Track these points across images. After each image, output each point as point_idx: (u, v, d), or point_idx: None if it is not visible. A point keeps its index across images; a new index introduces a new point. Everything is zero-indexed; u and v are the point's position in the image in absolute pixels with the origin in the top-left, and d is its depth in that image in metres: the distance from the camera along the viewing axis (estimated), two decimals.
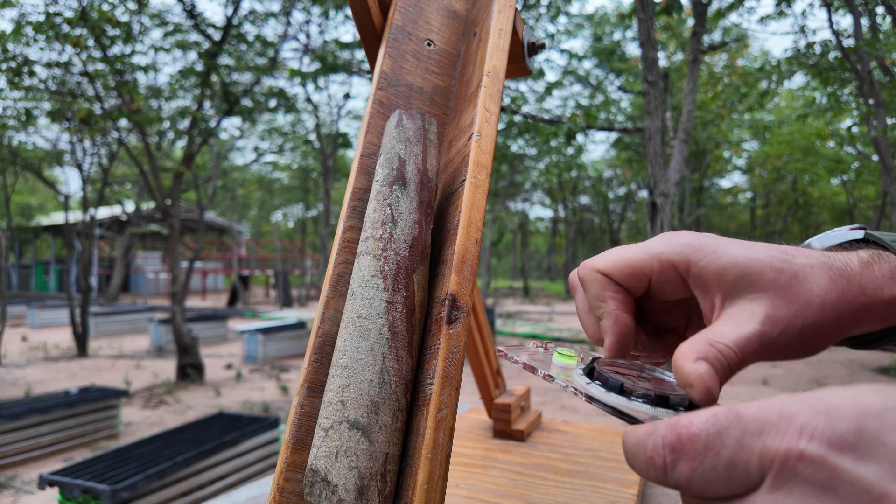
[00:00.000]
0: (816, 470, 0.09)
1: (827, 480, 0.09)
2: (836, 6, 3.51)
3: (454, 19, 0.31)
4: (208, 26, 4.08)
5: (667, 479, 0.12)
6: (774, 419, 0.10)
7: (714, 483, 0.11)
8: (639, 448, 0.12)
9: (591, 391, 0.16)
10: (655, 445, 0.12)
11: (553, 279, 20.68)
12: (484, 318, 0.44)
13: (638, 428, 0.13)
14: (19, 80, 3.75)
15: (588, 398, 0.16)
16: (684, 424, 0.12)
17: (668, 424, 0.12)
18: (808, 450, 0.10)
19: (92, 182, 6.31)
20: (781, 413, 0.10)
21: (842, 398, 0.10)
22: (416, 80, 0.28)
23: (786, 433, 0.10)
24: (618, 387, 0.15)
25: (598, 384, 0.16)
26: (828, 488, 0.09)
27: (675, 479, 0.12)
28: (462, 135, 0.25)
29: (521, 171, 9.74)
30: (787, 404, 0.10)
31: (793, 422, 0.10)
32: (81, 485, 1.54)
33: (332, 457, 0.17)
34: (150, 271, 13.34)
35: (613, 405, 0.15)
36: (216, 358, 5.08)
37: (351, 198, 0.25)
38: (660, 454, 0.12)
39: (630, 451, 0.13)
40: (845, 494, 0.09)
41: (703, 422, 0.11)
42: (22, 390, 3.77)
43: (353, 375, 0.18)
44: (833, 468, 0.09)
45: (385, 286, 0.20)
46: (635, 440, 0.13)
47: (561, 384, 0.17)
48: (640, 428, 0.13)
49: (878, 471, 0.09)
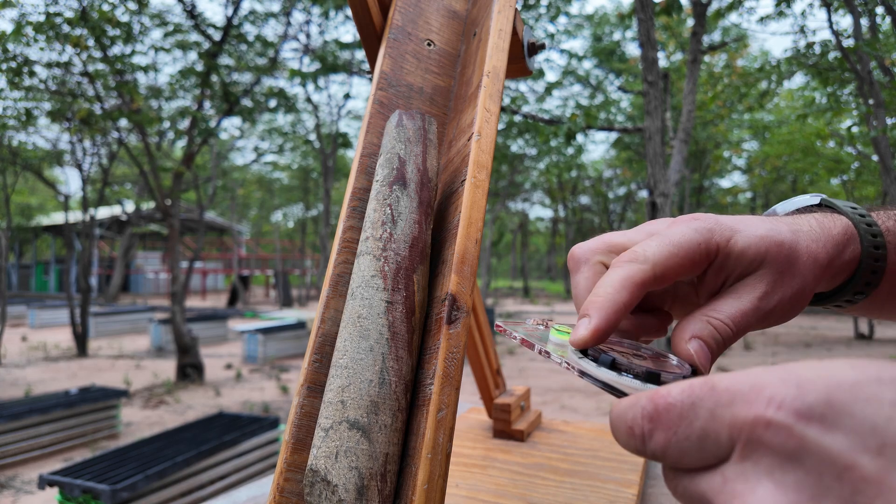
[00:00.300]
0: (783, 439, 0.09)
1: (793, 450, 0.09)
2: (835, 6, 3.52)
3: (454, 19, 0.31)
4: (208, 26, 4.08)
5: (644, 448, 0.12)
6: (745, 390, 0.10)
7: (688, 453, 0.11)
8: (621, 419, 0.13)
9: (583, 366, 0.16)
10: (635, 416, 0.12)
11: (553, 279, 20.68)
12: (484, 318, 0.44)
13: (623, 400, 0.13)
14: (19, 80, 3.75)
15: (580, 373, 0.16)
16: (662, 395, 0.12)
17: (648, 395, 0.12)
18: (776, 418, 0.10)
19: (92, 182, 6.31)
20: (753, 384, 0.10)
21: (813, 371, 0.10)
22: (416, 80, 0.28)
23: (754, 402, 0.10)
24: (609, 362, 0.15)
25: (591, 360, 0.16)
26: (794, 458, 0.09)
27: (651, 448, 0.12)
28: (462, 135, 0.25)
29: (521, 171, 9.74)
30: (759, 375, 0.10)
31: (762, 392, 0.10)
32: (81, 485, 1.54)
33: (332, 457, 0.17)
34: (150, 271, 13.34)
35: (604, 380, 0.15)
36: (216, 358, 5.08)
37: (351, 198, 0.25)
38: (638, 424, 0.12)
39: (613, 423, 0.13)
40: (811, 464, 0.09)
41: (679, 392, 0.11)
42: (22, 390, 3.77)
43: (353, 375, 0.18)
44: (800, 438, 0.09)
45: (385, 286, 0.20)
46: (618, 412, 0.13)
47: (556, 360, 0.17)
48: (624, 400, 0.13)
49: (845, 442, 0.09)
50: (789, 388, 0.10)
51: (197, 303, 11.03)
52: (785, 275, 0.18)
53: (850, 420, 0.09)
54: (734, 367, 4.98)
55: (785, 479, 0.09)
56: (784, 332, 7.57)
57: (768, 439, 0.10)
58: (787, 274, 0.18)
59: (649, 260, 0.17)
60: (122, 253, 10.45)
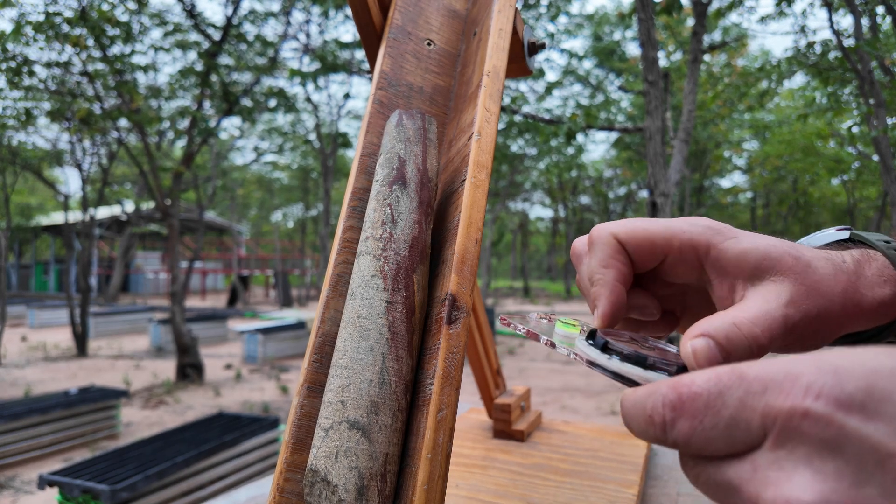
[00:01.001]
0: (822, 428, 0.09)
1: (833, 439, 0.09)
2: (836, 6, 3.51)
3: (454, 19, 0.31)
4: (208, 26, 4.08)
5: (665, 437, 0.12)
6: (779, 378, 0.10)
7: (714, 441, 0.11)
8: (638, 408, 0.12)
9: (592, 355, 0.16)
10: (655, 405, 0.12)
11: (553, 279, 20.67)
12: (484, 318, 0.44)
13: (637, 389, 0.13)
14: (19, 80, 3.74)
15: (589, 363, 0.16)
16: (685, 383, 0.11)
17: (669, 384, 0.12)
18: (814, 408, 0.09)
19: (91, 182, 6.31)
20: (787, 373, 0.10)
21: (849, 359, 0.10)
22: (416, 79, 0.28)
23: (790, 392, 0.10)
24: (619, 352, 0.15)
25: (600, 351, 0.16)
26: (833, 447, 0.09)
27: (673, 437, 0.11)
28: (462, 134, 0.25)
29: (521, 171, 9.73)
30: (793, 364, 0.10)
31: (798, 381, 0.10)
32: (81, 485, 1.54)
33: (331, 457, 0.17)
34: (149, 271, 13.34)
35: (614, 370, 0.15)
36: (216, 358, 5.08)
37: (351, 198, 0.25)
38: (659, 413, 0.12)
39: (629, 412, 0.12)
40: (851, 453, 0.09)
41: (704, 381, 0.11)
42: (21, 390, 3.77)
43: (353, 375, 0.18)
44: (839, 426, 0.09)
45: (385, 286, 0.20)
46: (634, 400, 0.12)
47: (563, 351, 0.17)
48: (639, 389, 0.13)
49: (887, 430, 0.09)
50: (827, 376, 0.09)
51: (197, 303, 11.03)
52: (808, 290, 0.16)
53: (891, 407, 0.09)
54: None
55: (824, 467, 0.09)
56: None
57: (806, 429, 0.09)
58: (808, 289, 0.16)
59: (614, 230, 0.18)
60: (121, 253, 10.45)
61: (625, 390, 0.13)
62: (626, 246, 0.18)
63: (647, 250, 0.18)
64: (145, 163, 4.18)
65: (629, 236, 0.18)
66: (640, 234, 0.18)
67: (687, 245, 0.17)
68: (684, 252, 0.18)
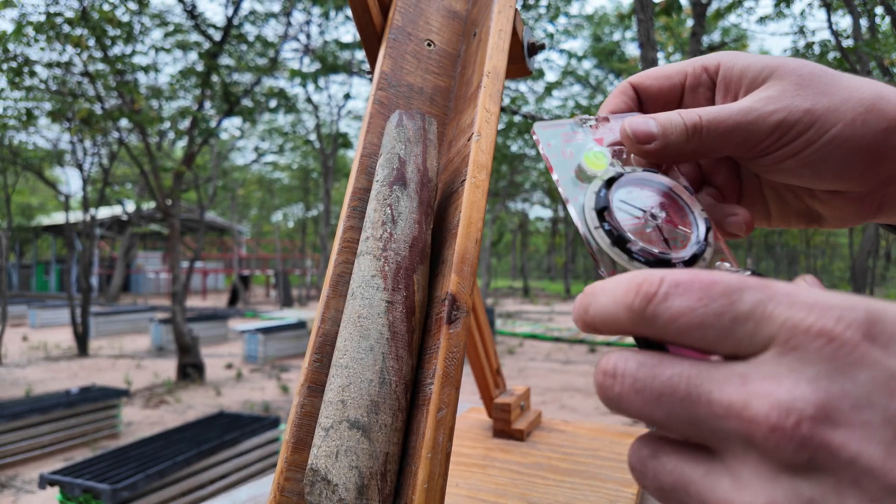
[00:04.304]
0: (845, 352, 0.09)
1: (851, 363, 0.08)
2: (834, 6, 3.51)
3: (454, 20, 0.31)
4: (209, 27, 4.08)
5: (645, 309, 0.10)
6: (810, 301, 0.09)
7: (707, 329, 0.10)
8: (623, 279, 0.11)
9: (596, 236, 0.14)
10: (652, 278, 0.10)
11: (553, 279, 20.66)
12: (484, 317, 0.44)
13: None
14: (20, 80, 3.75)
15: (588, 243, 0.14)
16: (706, 274, 0.10)
17: (683, 270, 0.10)
18: (843, 335, 0.09)
19: (92, 182, 6.32)
20: (817, 300, 0.09)
21: (880, 304, 0.09)
22: (416, 80, 0.28)
23: (821, 316, 0.09)
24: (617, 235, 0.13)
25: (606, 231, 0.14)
26: (847, 370, 0.08)
27: (657, 311, 0.10)
28: (462, 135, 0.25)
29: (520, 172, 9.74)
30: (824, 296, 0.09)
31: (829, 310, 0.09)
32: (82, 484, 1.54)
33: (332, 456, 0.17)
34: (150, 271, 13.35)
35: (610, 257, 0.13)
36: (216, 358, 5.08)
37: (351, 198, 0.25)
38: (652, 282, 0.10)
39: (608, 284, 0.11)
40: (864, 378, 0.08)
41: (728, 276, 0.10)
42: (22, 390, 3.77)
43: (354, 375, 0.18)
44: (863, 353, 0.09)
45: (385, 286, 0.20)
46: (620, 277, 0.11)
47: (573, 213, 0.14)
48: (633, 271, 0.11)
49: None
50: (858, 312, 0.09)
51: (197, 303, 11.04)
52: (812, 93, 0.15)
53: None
54: None
55: (831, 386, 0.08)
56: None
57: (827, 352, 0.09)
58: (815, 93, 0.15)
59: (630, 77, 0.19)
60: (122, 253, 10.47)
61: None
62: (639, 87, 0.18)
63: (662, 80, 0.18)
64: (146, 163, 4.19)
65: (644, 76, 0.18)
66: (654, 72, 0.18)
67: (699, 68, 0.17)
68: (698, 76, 0.17)
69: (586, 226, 0.14)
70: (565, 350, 5.83)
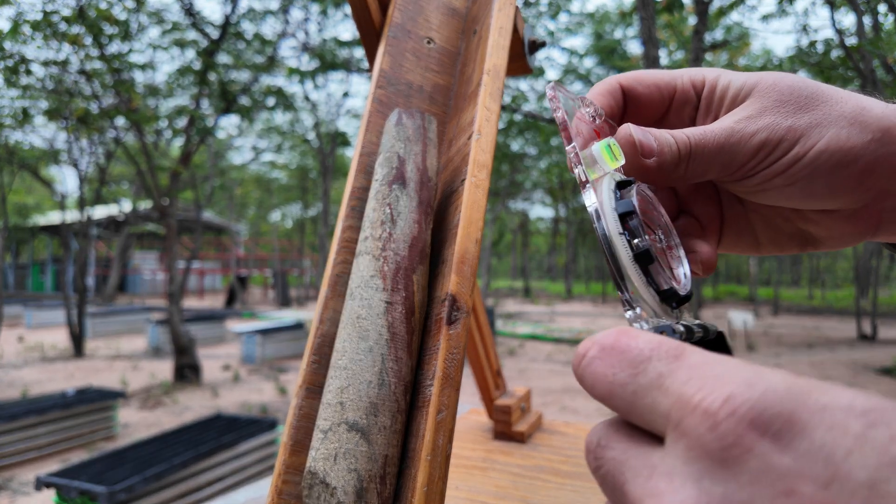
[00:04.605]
0: (726, 445, 0.08)
1: (733, 459, 0.08)
2: (838, 4, 3.50)
3: (454, 17, 0.31)
4: (206, 24, 4.06)
5: (577, 368, 0.11)
6: (708, 374, 0.09)
7: (615, 399, 0.10)
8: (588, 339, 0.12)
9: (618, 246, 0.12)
10: (594, 339, 0.11)
11: (554, 279, 20.67)
12: (484, 318, 0.44)
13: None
14: (16, 79, 3.72)
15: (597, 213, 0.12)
16: (629, 333, 0.11)
17: (618, 330, 0.11)
18: (726, 422, 0.08)
19: (89, 181, 6.28)
20: (719, 375, 0.09)
21: (784, 383, 0.09)
22: (415, 78, 0.28)
23: (710, 394, 0.09)
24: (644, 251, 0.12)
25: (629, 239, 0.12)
26: (730, 467, 0.08)
27: (583, 374, 0.11)
28: (462, 134, 0.25)
29: (521, 171, 9.74)
30: (728, 368, 0.09)
31: (723, 386, 0.09)
32: (78, 486, 1.53)
33: (330, 459, 0.17)
34: (147, 271, 13.29)
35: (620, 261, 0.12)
36: (214, 359, 5.06)
37: (350, 197, 0.24)
38: (588, 347, 0.11)
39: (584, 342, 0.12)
40: (747, 479, 0.08)
41: (646, 342, 0.10)
42: (18, 391, 3.75)
43: (352, 377, 0.18)
44: (745, 448, 0.08)
45: (384, 286, 0.20)
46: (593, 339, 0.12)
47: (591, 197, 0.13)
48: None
49: (794, 466, 0.08)
50: (753, 391, 0.08)
51: (194, 303, 11.00)
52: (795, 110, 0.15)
53: (806, 444, 0.08)
54: None
55: (713, 489, 0.08)
56: (787, 333, 7.57)
57: (708, 441, 0.08)
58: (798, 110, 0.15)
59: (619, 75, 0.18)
60: (118, 253, 10.41)
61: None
62: (629, 90, 0.18)
63: (653, 90, 0.18)
64: (143, 162, 4.17)
65: (634, 80, 0.18)
66: (645, 77, 0.18)
67: (688, 84, 0.18)
68: (686, 92, 0.18)
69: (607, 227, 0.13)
70: (566, 351, 5.83)
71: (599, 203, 0.13)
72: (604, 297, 14.53)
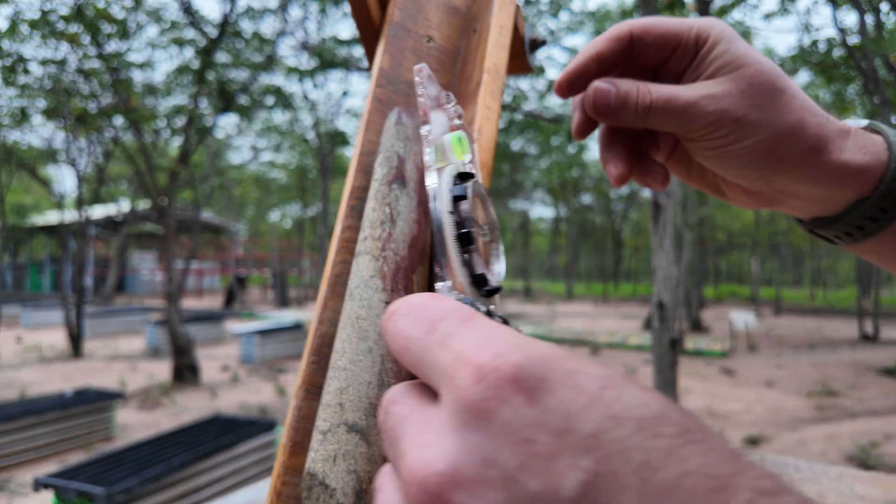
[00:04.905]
0: (490, 395, 0.09)
1: (489, 411, 0.09)
2: (840, 3, 3.49)
3: (454, 16, 0.31)
4: (205, 23, 4.05)
5: (385, 323, 0.12)
6: (485, 335, 0.10)
7: (409, 354, 0.11)
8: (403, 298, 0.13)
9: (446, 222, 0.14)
10: (408, 298, 0.12)
11: (555, 279, 20.69)
12: None
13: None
14: (14, 78, 3.71)
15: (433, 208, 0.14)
16: (439, 299, 0.12)
17: (433, 293, 0.12)
18: (493, 374, 0.09)
19: (87, 181, 6.27)
20: (494, 335, 0.10)
21: (547, 349, 0.10)
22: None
23: (480, 352, 0.10)
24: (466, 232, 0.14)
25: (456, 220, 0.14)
26: (487, 419, 0.09)
27: (387, 328, 0.12)
28: None
29: (522, 170, 9.75)
30: (499, 334, 0.10)
31: (491, 347, 0.10)
32: (76, 487, 1.52)
33: (330, 460, 0.17)
34: (145, 271, 13.26)
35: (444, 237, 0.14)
36: (212, 359, 5.05)
37: (349, 197, 0.24)
38: (401, 303, 0.12)
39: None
40: (497, 429, 0.09)
41: (447, 304, 0.11)
42: (16, 392, 3.73)
43: (352, 377, 0.18)
44: (501, 400, 0.09)
45: (384, 286, 0.20)
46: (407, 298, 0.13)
47: (432, 179, 0.14)
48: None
49: (536, 417, 0.09)
50: (518, 353, 0.09)
51: (193, 303, 10.98)
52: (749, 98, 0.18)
53: (551, 400, 0.09)
54: (739, 368, 4.99)
55: (471, 438, 0.09)
56: (788, 333, 7.59)
57: (472, 393, 0.09)
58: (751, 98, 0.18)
59: (632, 22, 0.20)
60: (117, 253, 10.39)
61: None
62: (638, 39, 0.20)
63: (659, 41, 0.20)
64: (141, 162, 4.15)
65: (644, 30, 0.20)
66: (655, 28, 0.20)
67: (693, 38, 0.19)
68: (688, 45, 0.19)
69: (440, 206, 0.14)
70: None
71: (439, 185, 0.14)
72: (605, 297, 14.54)
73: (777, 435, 3.02)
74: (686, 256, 6.11)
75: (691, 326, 7.79)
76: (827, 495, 0.36)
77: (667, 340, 2.26)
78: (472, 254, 0.14)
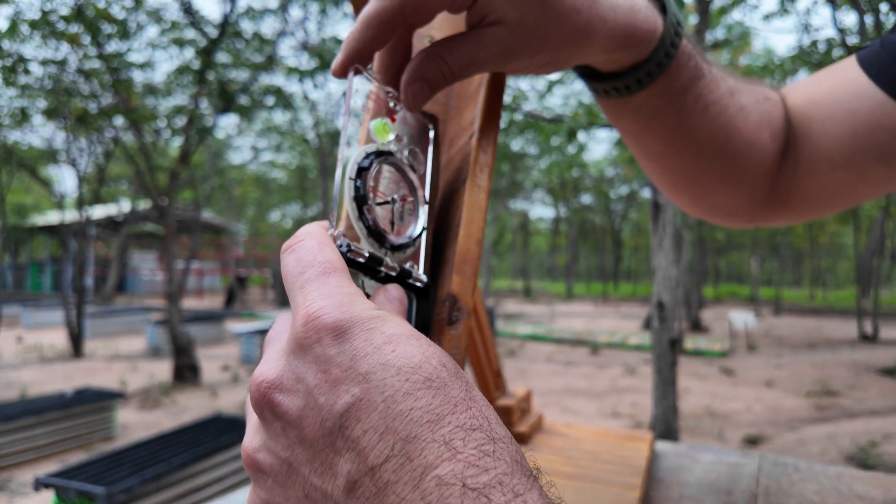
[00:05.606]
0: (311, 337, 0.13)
1: (309, 345, 0.13)
2: (839, 3, 3.49)
3: (455, 15, 0.30)
4: (205, 23, 4.05)
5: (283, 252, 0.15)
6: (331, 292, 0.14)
7: (286, 285, 0.15)
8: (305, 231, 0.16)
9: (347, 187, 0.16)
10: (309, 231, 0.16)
11: (554, 279, 20.66)
12: (485, 318, 0.43)
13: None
14: (14, 78, 3.71)
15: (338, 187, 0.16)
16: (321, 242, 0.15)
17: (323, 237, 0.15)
18: (317, 322, 0.13)
19: (87, 181, 6.27)
20: (341, 293, 0.14)
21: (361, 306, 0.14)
22: None
23: (317, 303, 0.14)
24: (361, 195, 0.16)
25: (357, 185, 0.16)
26: (308, 351, 0.13)
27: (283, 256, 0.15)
28: (463, 133, 0.25)
29: (522, 170, 9.73)
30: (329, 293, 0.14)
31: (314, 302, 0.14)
32: (77, 487, 1.52)
33: None
34: (145, 271, 13.25)
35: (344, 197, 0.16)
36: (213, 359, 5.05)
37: None
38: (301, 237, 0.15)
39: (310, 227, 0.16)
40: (311, 358, 0.13)
41: (320, 252, 0.15)
42: (17, 392, 3.73)
43: None
44: (317, 338, 0.13)
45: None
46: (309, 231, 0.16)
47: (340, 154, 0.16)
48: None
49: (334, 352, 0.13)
50: (339, 310, 0.13)
51: (193, 303, 10.98)
52: (538, 28, 0.19)
53: (348, 345, 0.13)
54: (739, 367, 4.98)
55: (291, 362, 0.13)
56: (788, 333, 7.57)
57: (300, 332, 0.13)
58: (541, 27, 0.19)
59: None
60: (117, 253, 10.39)
61: None
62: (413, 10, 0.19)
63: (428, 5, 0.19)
64: (141, 162, 4.15)
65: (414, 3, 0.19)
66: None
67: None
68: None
69: (344, 172, 0.16)
70: (567, 352, 5.82)
71: (352, 157, 0.17)
72: (604, 297, 14.50)
73: (776, 435, 3.02)
74: (686, 256, 6.08)
75: (691, 326, 7.77)
76: (826, 495, 0.35)
77: (666, 340, 2.25)
78: (367, 213, 0.17)
